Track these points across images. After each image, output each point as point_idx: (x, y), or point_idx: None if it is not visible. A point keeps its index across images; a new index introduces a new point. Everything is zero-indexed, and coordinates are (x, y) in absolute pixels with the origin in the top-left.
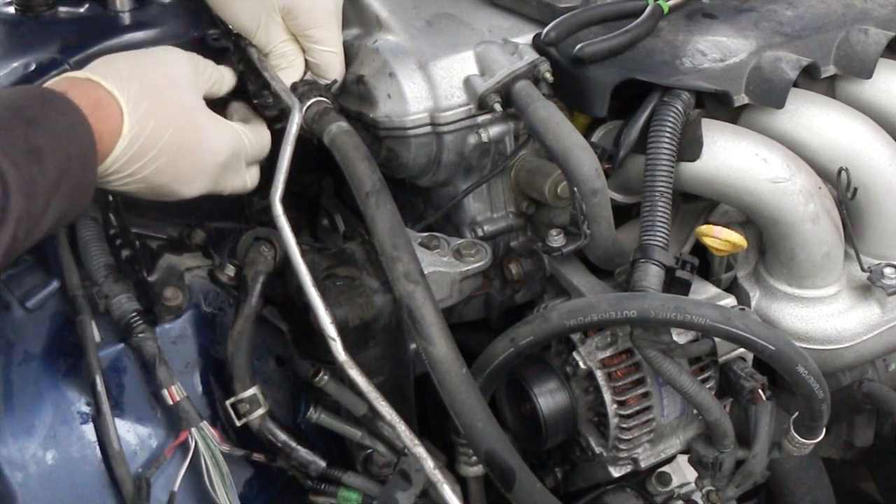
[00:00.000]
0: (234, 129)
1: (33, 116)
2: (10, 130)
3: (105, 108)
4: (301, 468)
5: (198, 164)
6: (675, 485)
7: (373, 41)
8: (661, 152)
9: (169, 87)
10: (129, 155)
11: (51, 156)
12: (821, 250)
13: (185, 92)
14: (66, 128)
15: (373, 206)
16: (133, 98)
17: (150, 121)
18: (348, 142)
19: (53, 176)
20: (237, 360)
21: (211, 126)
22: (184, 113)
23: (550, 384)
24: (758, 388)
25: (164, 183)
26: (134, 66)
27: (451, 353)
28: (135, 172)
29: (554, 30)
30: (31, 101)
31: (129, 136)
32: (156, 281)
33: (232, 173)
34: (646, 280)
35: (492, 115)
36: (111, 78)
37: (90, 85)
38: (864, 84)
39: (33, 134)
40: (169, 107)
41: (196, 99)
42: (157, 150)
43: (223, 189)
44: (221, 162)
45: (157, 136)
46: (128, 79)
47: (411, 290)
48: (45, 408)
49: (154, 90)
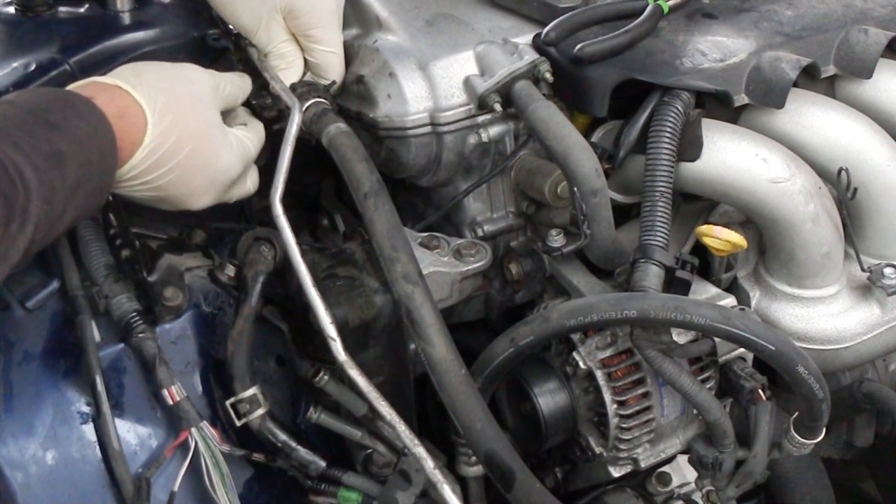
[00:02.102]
0: (243, 143)
1: (56, 120)
2: (33, 134)
3: (130, 117)
4: (301, 468)
5: (210, 180)
6: (675, 485)
7: (373, 41)
8: (661, 152)
9: (194, 103)
10: (146, 165)
11: (72, 160)
12: (821, 250)
13: (206, 108)
14: (89, 133)
15: (371, 207)
16: (159, 110)
17: (172, 134)
18: (347, 143)
19: (73, 180)
20: (237, 360)
21: (227, 144)
22: (204, 129)
23: (550, 384)
24: (758, 388)
25: (176, 194)
26: (162, 78)
27: (451, 353)
28: (149, 182)
29: (554, 30)
30: (54, 105)
31: (149, 147)
32: (156, 281)
33: (238, 185)
34: (646, 280)
35: (492, 115)
36: (140, 88)
37: (117, 92)
38: (864, 84)
39: (56, 138)
40: (191, 122)
41: (216, 116)
42: (174, 163)
43: (230, 199)
44: (233, 178)
45: (176, 150)
46: (156, 90)
47: (410, 290)
48: (45, 408)
49: (179, 105)
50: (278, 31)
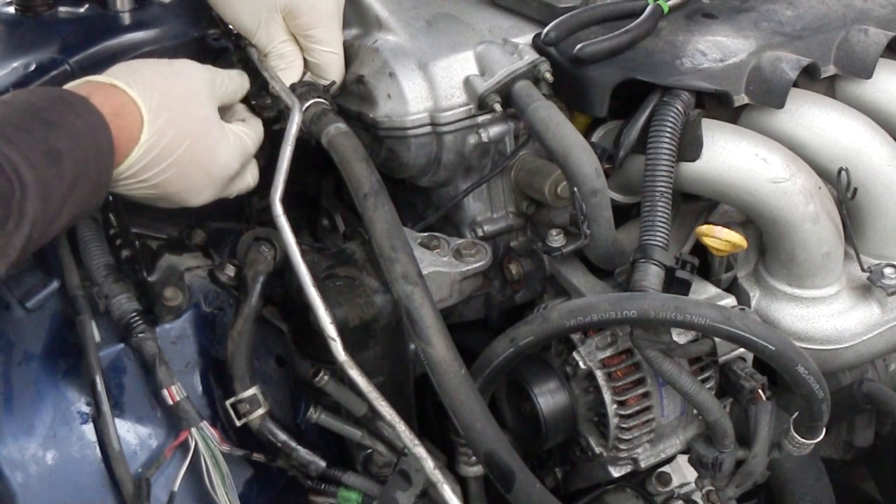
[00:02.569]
0: (241, 139)
1: (52, 118)
2: (30, 133)
3: (127, 115)
4: (301, 468)
5: (208, 176)
6: (675, 485)
7: (373, 41)
8: (661, 152)
9: (190, 100)
10: (143, 163)
11: (69, 159)
12: (821, 250)
13: (203, 105)
14: (85, 131)
15: (371, 207)
16: (155, 108)
17: (168, 131)
18: (346, 143)
19: (70, 179)
20: (237, 360)
21: (224, 141)
22: (201, 126)
23: (550, 384)
24: (758, 388)
25: (174, 192)
26: (157, 75)
27: (450, 353)
28: (146, 179)
29: (554, 30)
30: (50, 104)
31: (146, 145)
32: (156, 281)
33: (237, 181)
34: (646, 280)
35: (492, 115)
36: (135, 86)
37: (113, 91)
38: (864, 84)
39: (52, 136)
40: (188, 119)
41: (213, 113)
42: (171, 161)
43: (229, 195)
44: (231, 174)
45: (173, 147)
46: (151, 88)
47: (409, 291)
48: (45, 408)
49: (175, 102)
50: (278, 31)
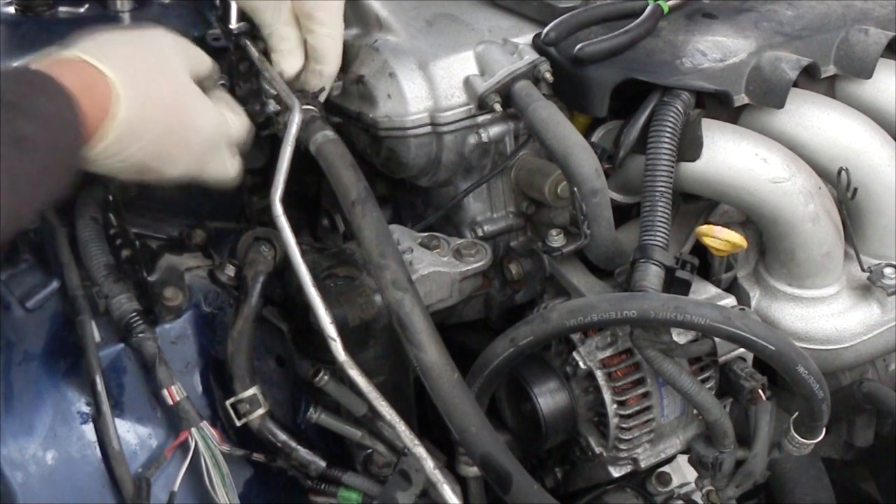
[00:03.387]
0: (221, 112)
1: (18, 102)
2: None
3: (97, 90)
4: (301, 468)
5: (183, 144)
6: (675, 485)
7: (373, 41)
8: (661, 152)
9: (161, 68)
10: (118, 137)
11: (37, 144)
12: (821, 250)
13: (175, 72)
14: (55, 113)
15: (359, 214)
16: (127, 81)
17: (142, 103)
18: (334, 150)
19: (40, 164)
20: (237, 360)
21: (198, 106)
22: (174, 94)
23: (550, 384)
24: (758, 388)
25: (148, 163)
26: (126, 46)
27: (442, 358)
28: (121, 154)
29: (554, 30)
30: (15, 85)
31: (121, 119)
32: (156, 281)
33: (215, 155)
34: (646, 280)
35: (492, 115)
36: (104, 59)
37: (81, 65)
38: (864, 84)
39: (20, 122)
40: (161, 88)
41: (185, 79)
42: (148, 132)
43: (206, 173)
44: (205, 140)
45: (147, 118)
46: (122, 59)
47: (399, 297)
48: (45, 408)
49: (147, 72)
50: (284, 10)
